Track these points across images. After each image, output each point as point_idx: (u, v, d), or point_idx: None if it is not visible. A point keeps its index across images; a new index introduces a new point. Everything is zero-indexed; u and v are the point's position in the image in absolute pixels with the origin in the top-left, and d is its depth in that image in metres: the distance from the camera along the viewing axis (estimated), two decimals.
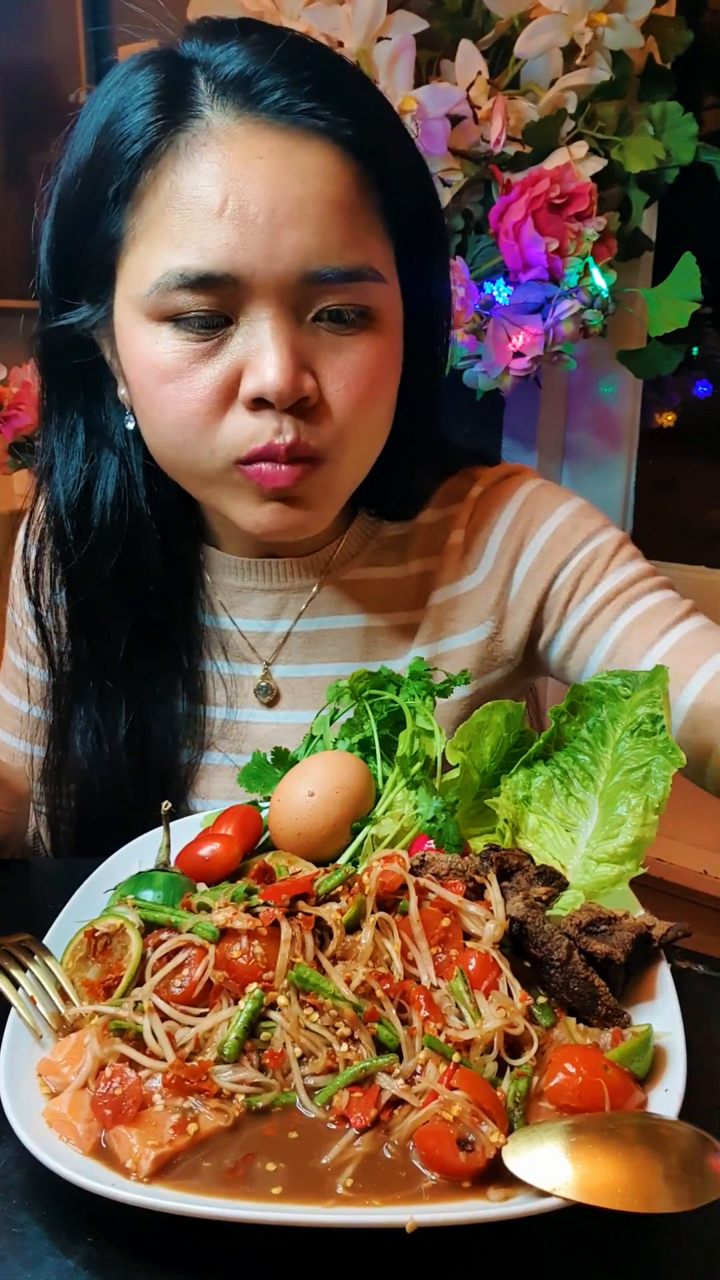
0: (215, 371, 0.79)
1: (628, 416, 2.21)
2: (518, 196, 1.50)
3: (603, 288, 1.57)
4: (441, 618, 1.02)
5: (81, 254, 0.85)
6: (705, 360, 2.12)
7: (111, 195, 0.80)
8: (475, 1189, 0.56)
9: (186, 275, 0.76)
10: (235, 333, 0.79)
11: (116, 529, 0.93)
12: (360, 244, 0.79)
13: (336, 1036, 0.63)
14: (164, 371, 0.80)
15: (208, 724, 1.01)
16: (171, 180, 0.77)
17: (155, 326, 0.80)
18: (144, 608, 0.96)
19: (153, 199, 0.78)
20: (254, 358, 0.78)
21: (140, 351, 0.82)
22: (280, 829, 0.82)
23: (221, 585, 1.01)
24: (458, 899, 0.70)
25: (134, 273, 0.81)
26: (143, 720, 0.98)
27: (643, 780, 0.79)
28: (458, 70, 1.54)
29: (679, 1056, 0.62)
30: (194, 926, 0.68)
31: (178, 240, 0.77)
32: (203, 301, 0.77)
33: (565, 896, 0.76)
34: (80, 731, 1.00)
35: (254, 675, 1.01)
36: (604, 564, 0.99)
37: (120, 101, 0.80)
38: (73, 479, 0.93)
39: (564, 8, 1.52)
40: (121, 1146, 0.59)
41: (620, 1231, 0.58)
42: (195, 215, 0.76)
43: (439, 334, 0.95)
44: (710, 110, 1.91)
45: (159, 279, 0.78)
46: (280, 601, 1.00)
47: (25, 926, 0.74)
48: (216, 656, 1.01)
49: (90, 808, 1.01)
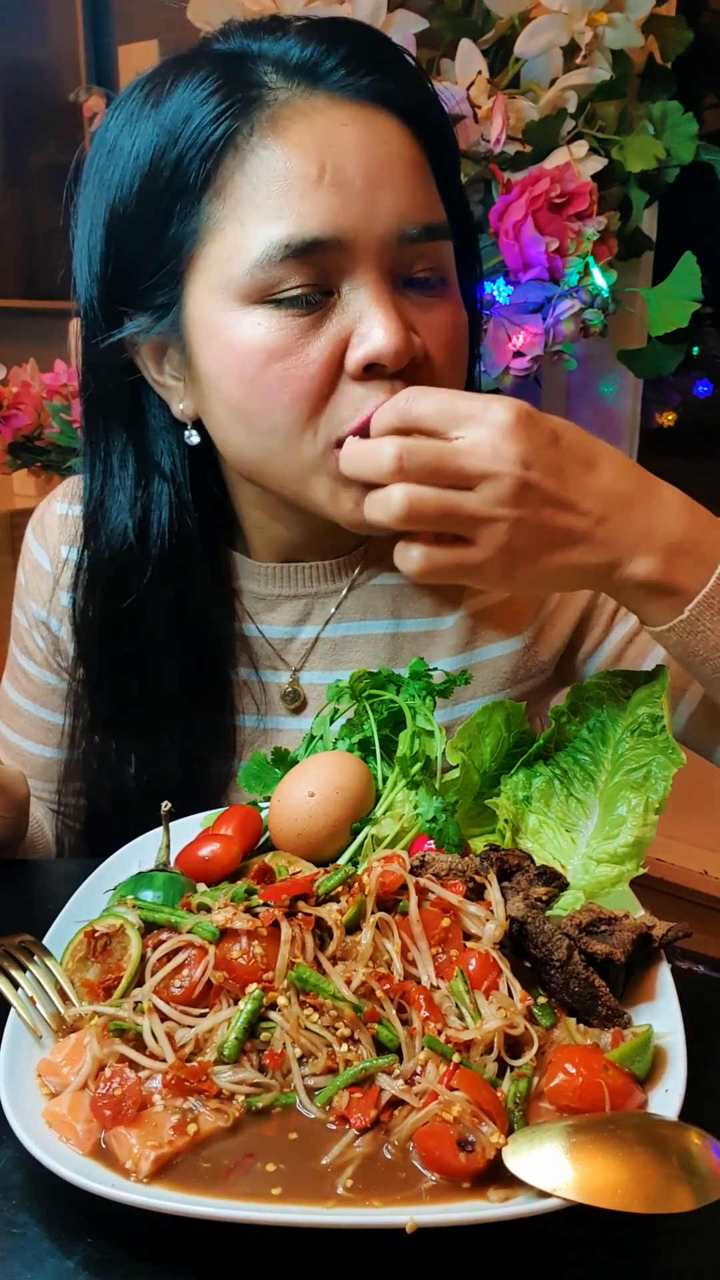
0: (324, 343, 0.79)
1: (628, 416, 2.21)
2: (518, 196, 1.50)
3: (603, 287, 1.57)
4: (476, 627, 1.02)
5: (144, 262, 0.85)
6: (705, 360, 2.12)
7: (189, 188, 0.80)
8: (475, 1189, 0.56)
9: (291, 244, 0.77)
10: (336, 304, 0.80)
11: (175, 556, 0.93)
12: (436, 201, 0.83)
13: (336, 1037, 0.63)
14: (271, 351, 0.80)
15: (239, 733, 1.01)
16: (260, 157, 0.78)
17: (251, 310, 0.80)
18: (183, 623, 0.96)
19: (241, 179, 0.79)
20: (361, 324, 0.79)
21: (239, 336, 0.81)
22: (280, 829, 0.82)
23: (248, 592, 1.01)
24: (458, 899, 0.70)
25: (222, 259, 0.81)
26: (183, 730, 0.98)
27: (643, 780, 0.79)
28: (458, 70, 1.54)
29: (679, 1057, 0.62)
30: (194, 927, 0.68)
31: (277, 212, 0.78)
32: (305, 272, 0.78)
33: (565, 896, 0.76)
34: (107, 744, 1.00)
35: (280, 682, 1.01)
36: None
37: (173, 103, 0.81)
38: (129, 511, 0.92)
39: (564, 7, 1.52)
40: (121, 1147, 0.59)
41: (620, 1231, 0.58)
42: (293, 185, 0.77)
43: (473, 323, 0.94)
44: (710, 110, 1.91)
45: (260, 255, 0.78)
46: (306, 607, 1.00)
47: (25, 926, 0.74)
48: (246, 665, 1.01)
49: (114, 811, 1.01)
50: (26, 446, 1.95)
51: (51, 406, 1.90)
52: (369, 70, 0.80)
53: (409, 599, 1.02)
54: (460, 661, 1.01)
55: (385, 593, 1.01)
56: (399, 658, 1.01)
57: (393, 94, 0.81)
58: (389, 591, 1.01)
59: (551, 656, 1.04)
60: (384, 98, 0.81)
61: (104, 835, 0.98)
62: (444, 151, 0.87)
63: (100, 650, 0.99)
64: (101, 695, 1.01)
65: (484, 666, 1.02)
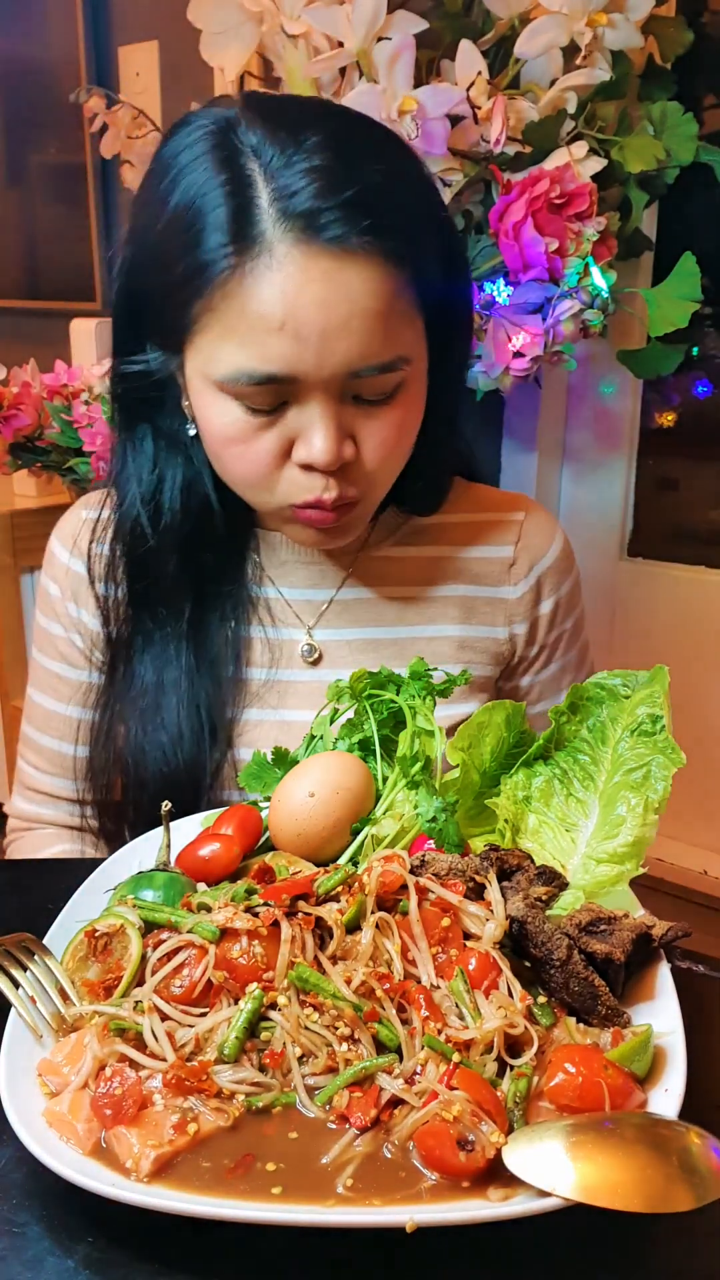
0: (273, 439, 0.94)
1: (628, 416, 2.20)
2: (518, 196, 1.50)
3: (603, 288, 1.57)
4: (475, 607, 1.16)
5: (157, 314, 0.96)
6: (705, 360, 2.12)
7: (181, 282, 0.90)
8: (475, 1189, 0.56)
9: (252, 376, 0.89)
10: (289, 410, 0.93)
11: (186, 512, 1.07)
12: (394, 341, 0.91)
13: (336, 1036, 0.63)
14: (229, 438, 0.95)
15: (250, 684, 1.12)
16: (239, 296, 0.88)
17: (223, 398, 0.93)
18: (203, 579, 1.10)
19: (224, 304, 0.89)
20: (305, 432, 0.93)
21: (209, 414, 0.95)
22: (280, 829, 0.82)
23: (269, 559, 1.15)
24: (458, 899, 0.70)
25: (203, 354, 0.93)
26: (199, 681, 1.10)
27: (643, 780, 0.79)
28: (458, 70, 1.54)
29: (679, 1056, 0.62)
30: (194, 926, 0.68)
31: (243, 344, 0.89)
32: (263, 392, 0.91)
33: (565, 896, 0.76)
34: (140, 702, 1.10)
35: (297, 639, 1.13)
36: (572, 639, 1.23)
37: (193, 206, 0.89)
38: (144, 480, 1.07)
39: (564, 8, 1.51)
40: (121, 1146, 0.59)
41: (620, 1232, 0.58)
42: (258, 327, 0.88)
43: (462, 356, 1.09)
44: (710, 110, 1.90)
45: (226, 374, 0.91)
46: (321, 573, 1.14)
47: (25, 926, 0.74)
48: (264, 622, 1.14)
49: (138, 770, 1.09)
50: (27, 447, 1.95)
51: (52, 407, 1.90)
52: (363, 229, 0.87)
53: (410, 569, 1.15)
54: (460, 632, 1.14)
55: (389, 564, 1.15)
56: (404, 618, 1.14)
57: (380, 245, 0.88)
58: (391, 563, 1.15)
59: (519, 650, 1.18)
60: (371, 250, 0.88)
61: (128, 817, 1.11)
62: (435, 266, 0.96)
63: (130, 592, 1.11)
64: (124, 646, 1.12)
65: (477, 644, 1.15)
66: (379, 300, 0.89)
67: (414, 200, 0.97)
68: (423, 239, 0.95)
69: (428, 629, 1.13)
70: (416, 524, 1.17)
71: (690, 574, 2.18)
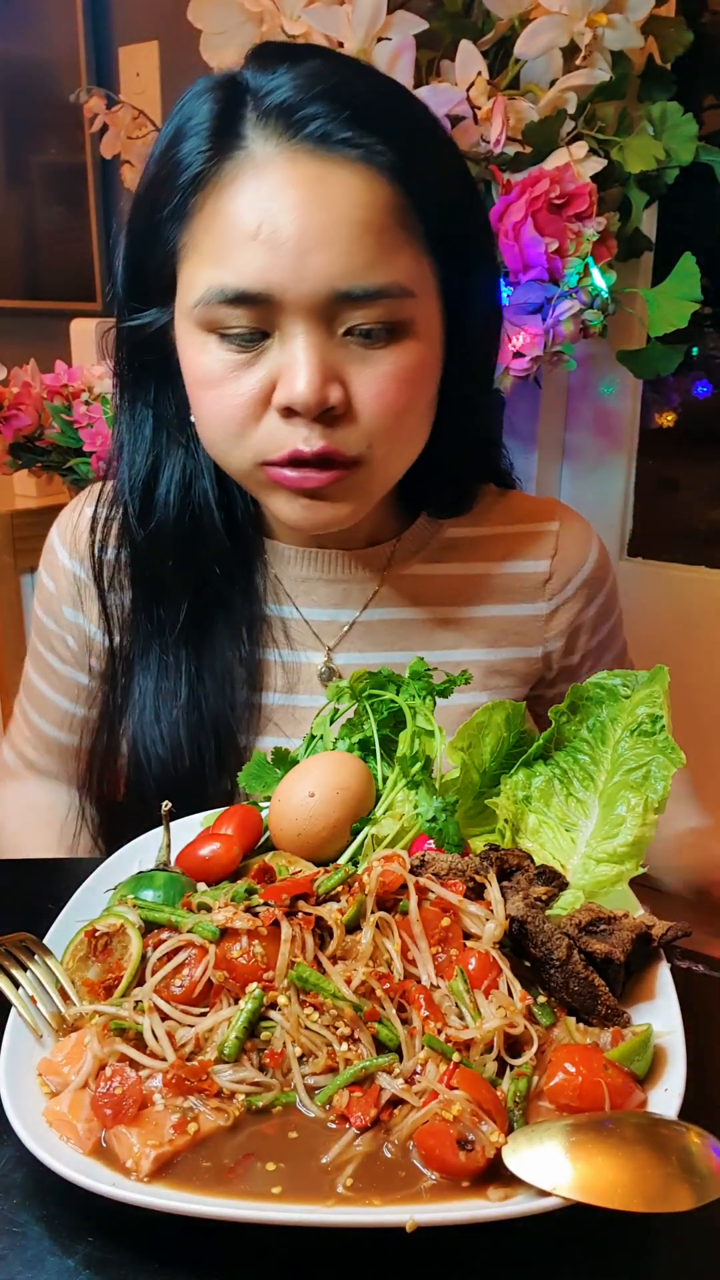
0: (252, 381, 0.86)
1: (628, 416, 2.20)
2: (518, 197, 1.50)
3: (603, 288, 1.57)
4: (507, 628, 1.10)
5: (148, 263, 0.92)
6: (705, 360, 2.12)
7: (167, 215, 0.87)
8: (475, 1189, 0.56)
9: (225, 292, 0.83)
10: (271, 345, 0.85)
11: (181, 509, 1.00)
12: (388, 263, 0.83)
13: (336, 1036, 0.63)
14: (208, 379, 0.87)
15: (264, 710, 1.06)
16: (215, 204, 0.83)
17: (203, 336, 0.87)
18: (206, 589, 1.03)
19: (199, 220, 0.85)
20: (286, 370, 0.84)
21: (189, 358, 0.89)
22: (280, 829, 0.82)
23: (286, 575, 1.07)
24: (458, 899, 0.70)
25: (185, 285, 0.88)
26: (202, 699, 1.04)
27: (643, 780, 0.79)
28: (458, 70, 1.54)
29: (679, 1056, 0.62)
30: (194, 926, 0.68)
31: (218, 259, 0.83)
32: (242, 316, 0.84)
33: (565, 896, 0.76)
34: (139, 704, 1.05)
35: (315, 662, 1.07)
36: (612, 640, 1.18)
37: (180, 127, 0.87)
38: (140, 463, 1.01)
39: (564, 8, 1.51)
40: (121, 1146, 0.59)
41: (620, 1231, 0.58)
42: (233, 237, 0.82)
43: (488, 338, 1.00)
44: (710, 110, 1.90)
45: (202, 294, 0.84)
46: (344, 592, 1.07)
47: (25, 926, 0.74)
48: (279, 644, 1.07)
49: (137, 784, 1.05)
50: (27, 447, 1.95)
51: (52, 407, 1.90)
52: (347, 125, 0.81)
53: (441, 589, 1.08)
54: (489, 655, 1.09)
55: (419, 583, 1.07)
56: (432, 642, 1.07)
57: (367, 150, 0.82)
58: (421, 582, 1.08)
59: (556, 664, 1.13)
60: (357, 155, 0.82)
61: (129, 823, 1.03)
62: (438, 198, 0.88)
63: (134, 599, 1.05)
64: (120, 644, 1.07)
65: (509, 666, 1.10)
66: (366, 211, 0.82)
67: (415, 119, 0.89)
68: (422, 157, 0.87)
69: (454, 654, 1.07)
70: (446, 538, 1.09)
71: (690, 574, 2.18)
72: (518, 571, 1.10)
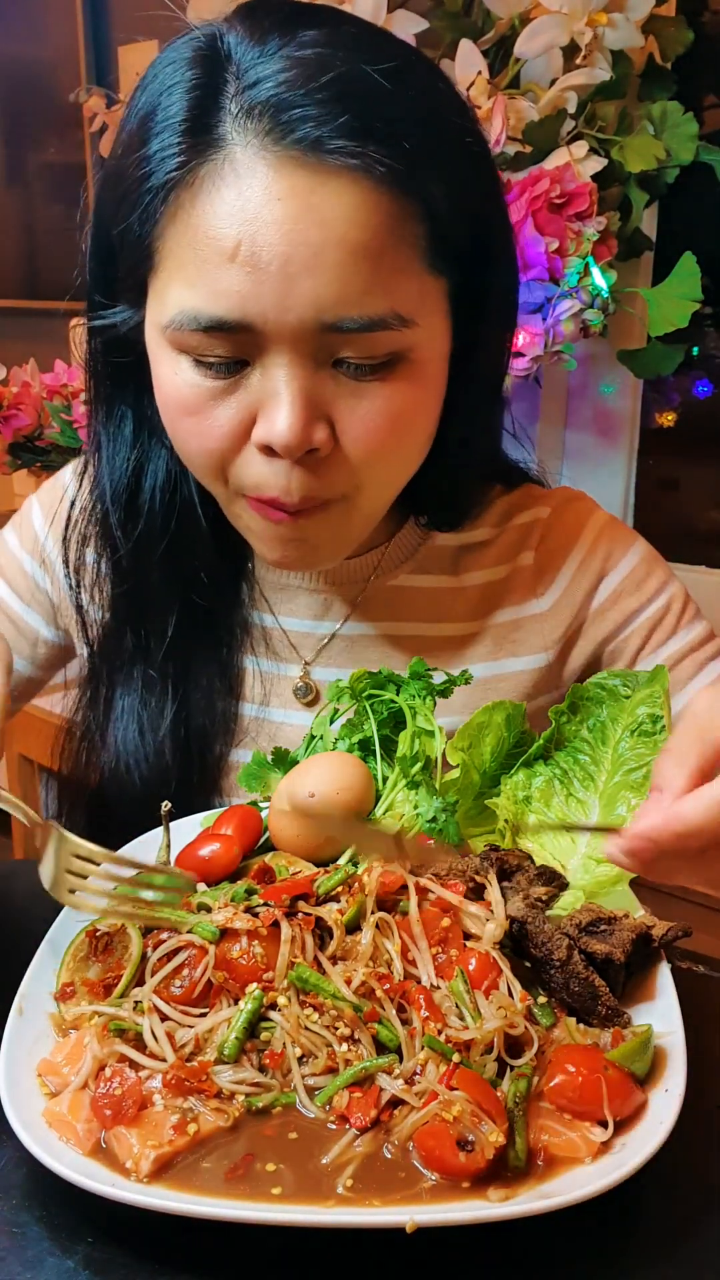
0: (231, 412, 0.77)
1: (628, 416, 2.20)
2: (518, 196, 1.50)
3: (603, 288, 1.57)
4: (503, 637, 1.00)
5: (117, 261, 0.82)
6: (705, 360, 2.11)
7: (137, 218, 0.76)
8: (475, 1189, 0.56)
9: (199, 320, 0.73)
10: (253, 374, 0.76)
11: (167, 514, 0.92)
12: (386, 289, 0.73)
13: (336, 1036, 0.63)
14: (182, 405, 0.78)
15: (241, 720, 1.00)
16: (188, 213, 0.73)
17: (176, 355, 0.77)
18: (192, 597, 0.95)
19: (171, 227, 0.74)
20: (267, 404, 0.75)
21: (162, 376, 0.79)
22: (280, 829, 0.82)
23: (268, 582, 1.00)
24: (458, 899, 0.70)
25: (156, 297, 0.78)
26: (184, 712, 0.98)
27: (643, 780, 0.79)
28: (458, 70, 1.54)
29: (679, 1056, 0.62)
30: (194, 926, 0.68)
31: (191, 279, 0.73)
32: (218, 345, 0.74)
33: (565, 896, 0.76)
34: (121, 720, 0.99)
35: (292, 675, 1.00)
36: (675, 619, 1.01)
37: (151, 113, 0.75)
38: (121, 467, 0.92)
39: (564, 8, 1.51)
40: (121, 1147, 0.59)
41: (620, 1231, 0.58)
42: (209, 256, 0.72)
43: (502, 350, 0.91)
44: (710, 110, 1.90)
45: (174, 316, 0.75)
46: (325, 603, 0.99)
47: (25, 926, 0.74)
48: (258, 653, 1.00)
49: (117, 796, 1.00)
50: (27, 447, 1.95)
51: (52, 407, 1.90)
52: (342, 130, 0.69)
53: (429, 602, 0.99)
54: (487, 669, 0.99)
55: (405, 594, 0.99)
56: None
57: (364, 159, 0.70)
58: (408, 594, 0.99)
59: (570, 675, 1.02)
60: (353, 164, 0.70)
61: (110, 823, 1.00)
62: (451, 208, 0.76)
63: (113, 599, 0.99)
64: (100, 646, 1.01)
65: (510, 679, 1.01)
66: (362, 231, 0.70)
67: (428, 111, 0.75)
68: (435, 160, 0.74)
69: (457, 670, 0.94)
70: (436, 545, 0.99)
71: (690, 574, 2.18)
72: (508, 574, 1.01)
